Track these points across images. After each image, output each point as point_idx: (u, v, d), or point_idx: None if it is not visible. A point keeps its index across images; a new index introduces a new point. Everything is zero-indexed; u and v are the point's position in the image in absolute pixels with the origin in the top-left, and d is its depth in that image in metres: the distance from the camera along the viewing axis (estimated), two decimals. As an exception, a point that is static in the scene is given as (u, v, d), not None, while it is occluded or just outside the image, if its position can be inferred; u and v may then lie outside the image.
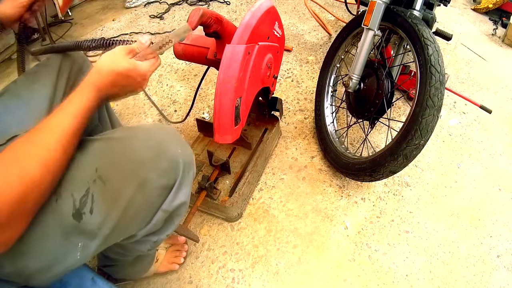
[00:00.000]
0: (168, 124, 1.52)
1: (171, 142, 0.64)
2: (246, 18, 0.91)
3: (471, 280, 1.08)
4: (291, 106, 1.64)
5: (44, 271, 0.57)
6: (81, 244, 0.58)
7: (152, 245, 0.77)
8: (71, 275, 0.71)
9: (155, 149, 0.61)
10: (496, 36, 2.15)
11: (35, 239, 0.54)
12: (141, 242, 0.73)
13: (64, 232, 0.56)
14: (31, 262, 0.55)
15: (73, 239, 0.57)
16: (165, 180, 0.62)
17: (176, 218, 0.73)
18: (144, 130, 0.65)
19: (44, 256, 0.56)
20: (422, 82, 1.05)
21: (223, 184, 1.22)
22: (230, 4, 2.42)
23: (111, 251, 0.85)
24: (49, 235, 0.55)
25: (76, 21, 2.34)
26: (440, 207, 1.27)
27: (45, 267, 0.57)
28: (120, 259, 0.89)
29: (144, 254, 0.91)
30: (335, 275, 1.08)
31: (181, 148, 0.65)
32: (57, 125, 0.55)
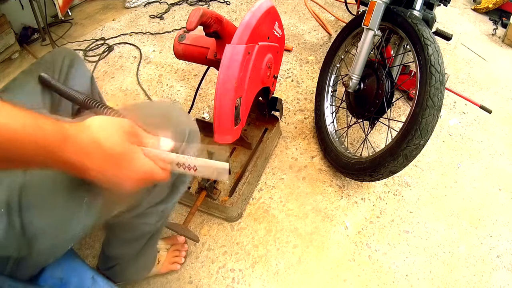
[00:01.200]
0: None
1: (177, 111, 0.69)
2: (246, 18, 0.91)
3: (471, 280, 1.08)
4: (291, 106, 1.64)
5: (49, 231, 0.54)
6: (86, 199, 0.56)
7: (159, 216, 0.76)
8: (71, 273, 0.71)
9: (163, 116, 0.65)
10: (496, 36, 2.15)
11: (42, 190, 0.53)
12: (147, 214, 0.72)
13: (71, 185, 0.54)
14: (37, 217, 0.53)
15: (80, 193, 0.55)
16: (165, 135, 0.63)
17: (181, 185, 0.73)
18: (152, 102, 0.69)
19: (50, 211, 0.54)
20: (422, 82, 1.05)
21: (223, 184, 1.22)
22: (230, 4, 2.42)
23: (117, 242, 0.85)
24: (56, 186, 0.53)
25: (76, 21, 2.34)
26: (440, 207, 1.27)
27: (50, 225, 0.54)
28: (123, 255, 0.89)
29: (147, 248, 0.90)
30: (335, 275, 1.08)
31: (186, 118, 0.70)
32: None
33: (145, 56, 1.98)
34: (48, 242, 0.56)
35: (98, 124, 0.46)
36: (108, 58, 1.98)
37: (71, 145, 0.43)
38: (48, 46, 2.06)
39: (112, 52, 2.02)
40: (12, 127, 0.39)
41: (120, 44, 2.08)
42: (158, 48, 2.04)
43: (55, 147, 0.42)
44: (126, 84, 1.80)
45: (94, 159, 0.45)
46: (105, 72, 1.89)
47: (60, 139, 0.42)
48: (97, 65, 1.93)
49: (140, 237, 0.85)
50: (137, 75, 1.85)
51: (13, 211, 0.51)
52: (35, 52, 2.04)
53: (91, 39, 2.13)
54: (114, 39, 2.12)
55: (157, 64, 1.92)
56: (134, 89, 1.77)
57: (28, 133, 0.40)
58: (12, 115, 0.40)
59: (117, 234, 0.82)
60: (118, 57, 1.99)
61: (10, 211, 0.51)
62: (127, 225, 0.76)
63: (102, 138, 0.45)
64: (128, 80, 1.83)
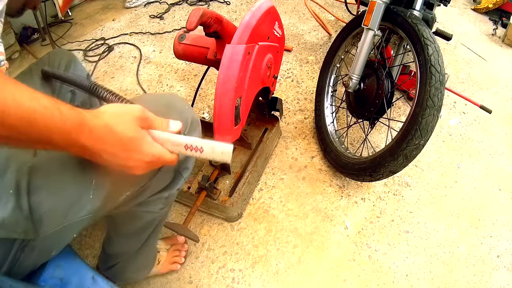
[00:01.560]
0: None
1: (179, 101, 0.71)
2: (246, 18, 0.91)
3: (471, 280, 1.08)
4: (291, 106, 1.64)
5: (56, 213, 0.55)
6: (94, 181, 0.57)
7: (163, 203, 0.77)
8: (72, 273, 0.71)
9: (166, 105, 0.68)
10: (496, 36, 2.15)
11: (51, 171, 0.54)
12: (151, 201, 0.73)
13: (80, 166, 0.55)
14: (45, 198, 0.53)
15: (88, 174, 0.56)
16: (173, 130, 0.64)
17: (184, 172, 0.74)
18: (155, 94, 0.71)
19: (58, 193, 0.55)
20: (422, 82, 1.05)
21: (223, 184, 1.22)
22: (230, 4, 2.42)
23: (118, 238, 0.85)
24: (65, 167, 0.55)
25: (76, 21, 2.34)
26: (440, 207, 1.27)
27: (58, 207, 0.55)
28: (124, 253, 0.89)
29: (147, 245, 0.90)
30: (335, 275, 1.08)
31: (188, 107, 0.72)
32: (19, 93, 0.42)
33: (145, 56, 1.98)
34: (55, 224, 0.56)
35: (112, 111, 0.50)
36: (108, 58, 1.98)
37: (86, 129, 0.46)
38: (48, 46, 2.06)
39: (112, 52, 2.02)
40: (34, 107, 0.42)
41: (120, 44, 2.08)
42: (158, 48, 2.04)
43: (72, 130, 0.45)
44: (126, 84, 1.80)
45: (107, 143, 0.48)
46: (105, 72, 1.89)
47: (77, 123, 0.45)
48: (97, 65, 1.93)
49: (143, 229, 0.85)
50: (137, 75, 1.85)
51: (22, 193, 0.52)
52: (35, 52, 2.04)
53: (91, 39, 2.13)
54: (114, 39, 2.12)
55: (157, 64, 1.92)
56: (134, 89, 1.77)
57: (48, 115, 0.43)
58: (35, 97, 0.43)
59: (119, 228, 0.83)
60: (118, 57, 1.99)
61: (19, 193, 0.52)
62: (131, 214, 0.76)
63: (115, 123, 0.48)
64: (128, 80, 1.83)
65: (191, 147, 0.55)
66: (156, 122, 0.54)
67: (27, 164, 0.53)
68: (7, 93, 0.41)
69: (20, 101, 0.42)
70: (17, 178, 0.52)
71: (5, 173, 0.52)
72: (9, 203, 0.51)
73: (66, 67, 0.86)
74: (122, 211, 0.72)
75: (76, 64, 0.89)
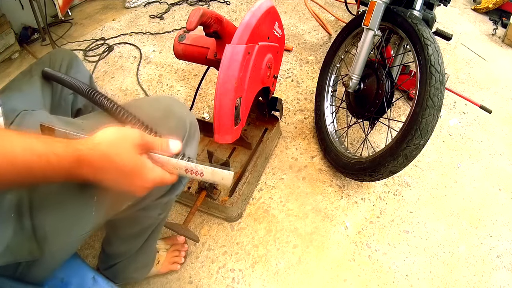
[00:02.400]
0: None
1: (178, 105, 0.70)
2: (246, 18, 0.91)
3: (471, 280, 1.08)
4: (291, 106, 1.64)
5: (60, 232, 0.55)
6: (96, 198, 0.57)
7: (162, 208, 0.78)
8: (72, 274, 0.71)
9: (164, 110, 0.66)
10: (496, 36, 2.15)
11: (51, 190, 0.53)
12: (151, 207, 0.73)
13: (80, 186, 0.55)
14: (48, 218, 0.53)
15: (90, 191, 0.56)
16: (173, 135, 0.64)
17: (183, 178, 0.74)
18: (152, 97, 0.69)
19: (60, 209, 0.55)
20: (422, 82, 1.05)
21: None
22: (230, 4, 2.42)
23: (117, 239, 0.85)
24: (65, 186, 0.55)
25: (76, 21, 2.34)
26: (440, 207, 1.27)
27: (60, 226, 0.55)
28: (123, 253, 0.89)
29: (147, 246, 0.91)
30: (335, 275, 1.08)
31: (186, 111, 0.71)
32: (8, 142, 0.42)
33: (145, 56, 1.98)
34: (59, 242, 0.57)
35: (108, 140, 0.48)
36: (108, 58, 1.98)
37: (85, 165, 0.46)
38: (48, 46, 2.06)
39: (112, 52, 2.02)
40: (28, 159, 0.42)
41: (120, 44, 2.08)
42: (158, 48, 2.04)
43: (70, 168, 0.45)
44: (126, 84, 1.80)
45: (108, 173, 0.48)
46: (105, 72, 1.89)
47: (75, 160, 0.45)
48: (97, 65, 1.93)
49: (142, 232, 0.85)
50: (137, 75, 1.85)
51: (24, 213, 0.52)
52: (35, 52, 2.05)
53: (91, 39, 2.13)
54: (114, 39, 2.12)
55: (157, 64, 1.92)
56: (134, 89, 1.77)
57: (44, 162, 0.43)
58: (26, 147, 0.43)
59: (119, 231, 0.83)
60: (118, 57, 1.99)
61: (21, 214, 0.52)
62: (130, 219, 0.76)
63: (113, 154, 0.48)
64: (128, 80, 1.83)
65: (192, 171, 0.55)
66: (155, 144, 0.53)
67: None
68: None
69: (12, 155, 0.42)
70: (18, 199, 0.52)
71: (5, 197, 0.51)
72: (11, 226, 0.51)
73: (67, 67, 0.85)
74: (122, 216, 0.72)
75: (78, 64, 0.88)
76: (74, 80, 0.73)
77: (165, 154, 0.54)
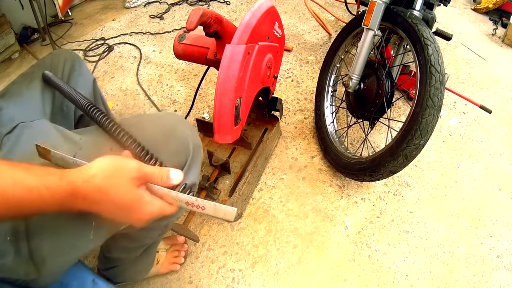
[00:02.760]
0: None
1: (181, 125, 0.66)
2: (246, 18, 0.91)
3: (471, 280, 1.08)
4: (291, 106, 1.64)
5: (57, 254, 0.55)
6: (94, 223, 0.56)
7: (162, 230, 0.77)
8: (72, 277, 0.71)
9: (166, 131, 0.63)
10: (496, 36, 2.15)
11: (49, 216, 0.53)
12: (151, 228, 0.72)
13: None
14: (44, 241, 0.53)
15: (87, 217, 0.55)
16: (175, 160, 0.63)
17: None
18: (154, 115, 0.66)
19: (58, 234, 0.54)
20: (422, 82, 1.05)
21: (223, 184, 1.22)
22: (230, 4, 2.42)
23: (116, 249, 0.85)
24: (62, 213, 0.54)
25: (76, 21, 2.34)
26: (440, 207, 1.27)
27: (58, 249, 0.55)
28: (123, 259, 0.89)
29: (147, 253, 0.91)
30: (335, 275, 1.08)
31: (190, 131, 0.67)
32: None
33: (145, 56, 1.98)
34: (56, 264, 0.56)
35: (103, 172, 0.46)
36: (108, 58, 1.98)
37: (80, 196, 0.45)
38: (48, 46, 2.06)
39: (112, 52, 2.02)
40: (18, 193, 0.42)
41: (120, 44, 2.08)
42: (158, 48, 2.04)
43: (64, 201, 0.45)
44: (126, 84, 1.80)
45: (104, 206, 0.47)
46: (105, 72, 1.89)
47: (68, 193, 0.44)
48: (97, 65, 1.93)
49: (141, 247, 0.85)
50: (137, 75, 1.85)
51: (20, 237, 0.51)
52: (35, 52, 2.04)
53: (91, 39, 2.13)
54: (114, 39, 2.12)
55: (157, 64, 1.92)
56: (134, 89, 1.77)
57: (35, 196, 0.43)
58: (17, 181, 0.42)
59: (118, 243, 0.82)
60: (118, 57, 1.99)
61: (17, 238, 0.51)
62: (129, 236, 0.76)
63: (109, 188, 0.46)
64: (128, 80, 1.83)
65: (192, 204, 0.52)
66: (154, 176, 0.51)
67: None
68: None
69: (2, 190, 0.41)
70: (14, 224, 0.51)
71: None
72: (7, 250, 0.51)
73: (70, 70, 0.83)
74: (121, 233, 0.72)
75: (81, 67, 0.85)
76: (73, 92, 0.71)
77: (165, 186, 0.52)
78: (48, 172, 0.45)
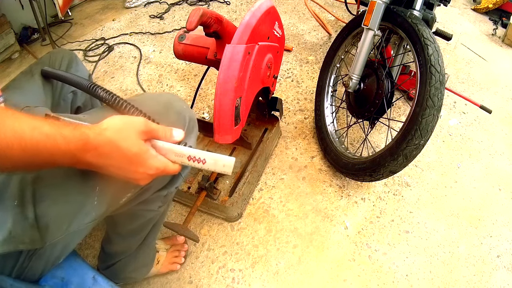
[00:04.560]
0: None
1: (177, 100, 0.72)
2: (246, 18, 0.91)
3: (471, 280, 1.08)
4: (291, 106, 1.64)
5: (62, 221, 0.56)
6: (98, 188, 0.58)
7: (162, 201, 0.78)
8: (73, 273, 0.71)
9: (165, 104, 0.68)
10: (496, 36, 2.15)
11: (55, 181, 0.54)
12: (150, 200, 0.74)
13: (83, 174, 0.56)
14: (49, 206, 0.54)
15: (91, 183, 0.57)
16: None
17: (183, 171, 0.75)
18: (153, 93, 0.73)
19: (63, 198, 0.56)
20: (422, 82, 1.05)
21: (223, 184, 1.22)
22: (230, 4, 2.42)
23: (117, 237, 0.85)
24: (68, 176, 0.55)
25: (76, 21, 2.34)
26: (440, 207, 1.27)
27: (63, 215, 0.56)
28: (123, 252, 0.89)
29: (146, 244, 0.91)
30: (335, 275, 1.08)
31: (186, 106, 0.73)
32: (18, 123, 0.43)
33: (145, 56, 1.98)
34: (61, 232, 0.57)
35: (114, 126, 0.50)
36: (108, 58, 1.98)
37: (91, 147, 0.47)
38: (48, 46, 2.06)
39: (112, 52, 2.02)
40: (36, 138, 0.43)
41: (120, 44, 2.08)
42: (158, 48, 2.04)
43: (76, 151, 0.46)
44: (126, 84, 1.80)
45: (112, 158, 0.49)
46: (105, 72, 1.89)
47: (81, 143, 0.47)
48: (97, 65, 1.93)
49: (142, 228, 0.85)
50: (137, 75, 1.85)
51: (27, 203, 0.52)
52: (35, 52, 2.05)
53: (91, 39, 2.13)
54: (114, 39, 2.12)
55: (157, 64, 1.92)
56: (134, 89, 1.77)
57: (51, 142, 0.44)
58: (36, 127, 0.44)
59: (118, 228, 0.83)
60: (118, 57, 1.99)
61: (24, 203, 0.52)
62: (130, 214, 0.77)
63: (119, 140, 0.49)
64: (128, 80, 1.83)
65: (194, 158, 0.56)
66: (159, 132, 0.55)
67: (30, 174, 0.53)
68: (6, 127, 0.42)
69: (21, 134, 0.42)
70: (20, 189, 0.52)
71: (8, 185, 0.52)
72: (14, 214, 0.52)
73: (67, 67, 0.86)
74: (122, 211, 0.72)
75: (78, 64, 0.89)
76: (74, 76, 0.74)
77: (168, 141, 0.55)
78: (63, 123, 0.47)
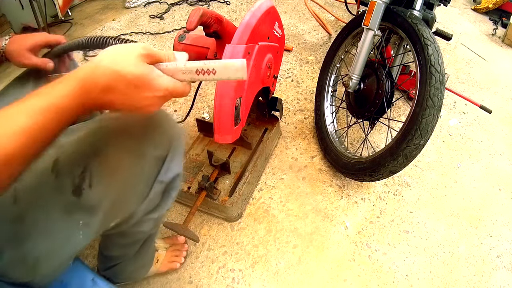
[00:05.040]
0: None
1: (163, 117, 0.67)
2: (246, 18, 0.91)
3: (471, 280, 1.08)
4: (291, 106, 1.64)
5: (49, 256, 0.56)
6: (82, 222, 0.57)
7: (154, 223, 0.77)
8: (72, 276, 0.71)
9: (149, 123, 0.64)
10: (496, 36, 2.15)
11: (37, 219, 0.54)
12: (142, 222, 0.73)
13: (65, 210, 0.56)
14: (35, 245, 0.54)
15: (75, 216, 0.56)
16: (159, 151, 0.65)
17: (173, 191, 0.73)
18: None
19: (47, 236, 0.55)
20: (422, 82, 1.05)
21: (223, 184, 1.22)
22: (230, 4, 2.42)
23: (113, 246, 0.85)
24: (50, 213, 0.55)
25: (76, 21, 2.34)
26: (440, 207, 1.27)
27: (49, 251, 0.56)
28: (121, 256, 0.89)
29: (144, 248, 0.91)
30: (335, 275, 1.08)
31: (172, 122, 0.69)
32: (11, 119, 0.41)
33: (145, 56, 1.97)
34: (49, 265, 0.57)
35: (110, 54, 0.46)
36: (108, 58, 1.98)
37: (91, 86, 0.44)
38: (48, 46, 2.05)
39: (112, 52, 2.02)
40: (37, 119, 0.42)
41: (120, 44, 2.08)
42: (158, 48, 2.04)
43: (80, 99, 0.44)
44: (126, 84, 1.80)
45: (116, 89, 0.45)
46: (105, 72, 1.89)
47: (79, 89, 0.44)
48: (97, 65, 1.93)
49: (137, 242, 0.85)
50: (137, 75, 1.84)
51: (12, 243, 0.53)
52: (35, 52, 2.04)
53: (91, 39, 2.12)
54: (114, 39, 2.12)
55: (157, 64, 1.92)
56: (134, 89, 1.76)
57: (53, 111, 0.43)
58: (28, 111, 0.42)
59: (114, 240, 0.83)
60: (118, 57, 1.99)
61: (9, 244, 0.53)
62: (121, 234, 0.76)
63: (119, 65, 0.45)
64: (128, 80, 1.83)
65: (203, 70, 0.50)
66: (161, 55, 0.50)
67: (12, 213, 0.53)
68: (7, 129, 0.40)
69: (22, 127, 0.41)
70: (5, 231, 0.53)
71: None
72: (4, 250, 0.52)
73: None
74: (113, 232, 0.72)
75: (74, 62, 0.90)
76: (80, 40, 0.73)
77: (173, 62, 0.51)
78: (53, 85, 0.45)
